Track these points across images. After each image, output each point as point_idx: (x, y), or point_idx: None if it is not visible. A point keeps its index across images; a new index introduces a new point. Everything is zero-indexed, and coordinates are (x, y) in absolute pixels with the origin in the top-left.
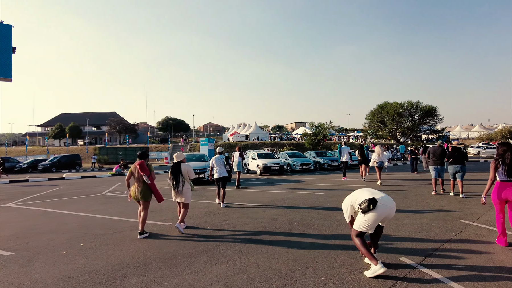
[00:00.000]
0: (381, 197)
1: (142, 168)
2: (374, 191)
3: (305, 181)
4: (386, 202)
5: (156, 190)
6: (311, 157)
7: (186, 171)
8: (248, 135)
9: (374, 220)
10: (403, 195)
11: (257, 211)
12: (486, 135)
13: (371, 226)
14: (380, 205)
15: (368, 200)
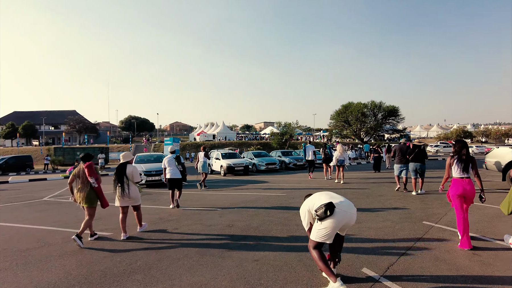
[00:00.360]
0: (340, 202)
1: (90, 170)
2: (333, 194)
3: (269, 181)
4: (346, 208)
5: (102, 195)
6: (276, 156)
7: (131, 173)
8: (215, 134)
9: (332, 227)
10: (366, 195)
11: (214, 216)
12: (443, 134)
13: (329, 235)
14: (338, 211)
15: (325, 205)
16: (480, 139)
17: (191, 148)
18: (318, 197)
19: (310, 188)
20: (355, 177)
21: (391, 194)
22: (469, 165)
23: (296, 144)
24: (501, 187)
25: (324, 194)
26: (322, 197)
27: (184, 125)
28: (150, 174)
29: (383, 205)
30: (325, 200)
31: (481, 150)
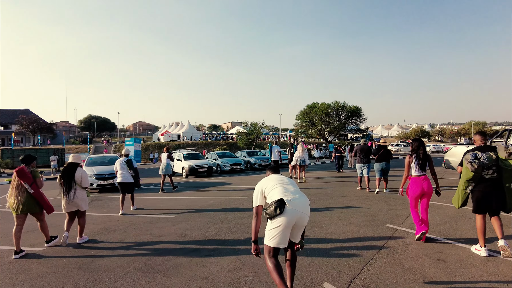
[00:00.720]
0: (292, 199)
1: (21, 174)
2: (289, 188)
3: (233, 183)
4: (297, 206)
5: (43, 200)
6: (242, 157)
7: (79, 177)
8: (180, 134)
9: (284, 227)
10: (329, 195)
11: (166, 224)
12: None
13: (281, 236)
14: (289, 209)
15: (275, 202)
16: (436, 138)
17: (154, 148)
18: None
19: None
20: (319, 176)
21: (354, 194)
22: (426, 163)
23: (263, 144)
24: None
25: (280, 187)
26: (276, 189)
27: (148, 125)
28: (102, 177)
29: (346, 206)
30: (277, 195)
31: (438, 148)
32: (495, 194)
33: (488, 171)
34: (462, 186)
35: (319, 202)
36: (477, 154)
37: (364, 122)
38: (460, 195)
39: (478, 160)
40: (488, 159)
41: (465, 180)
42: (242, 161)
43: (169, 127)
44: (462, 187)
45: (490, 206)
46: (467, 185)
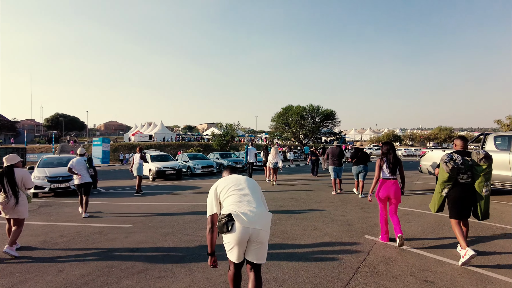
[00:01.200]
0: (246, 212)
1: None
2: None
3: (202, 186)
4: (251, 222)
5: None
6: (214, 158)
7: (20, 179)
8: (152, 135)
9: (235, 245)
10: (302, 201)
11: (118, 236)
12: (375, 138)
13: (237, 253)
14: (238, 227)
15: (224, 217)
16: (407, 142)
17: (124, 149)
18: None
19: None
20: (293, 179)
21: (329, 200)
22: (396, 167)
23: (238, 145)
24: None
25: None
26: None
27: (120, 125)
28: (56, 180)
29: (321, 214)
30: (229, 206)
31: (409, 152)
32: (468, 199)
33: (463, 176)
34: (438, 188)
35: (293, 209)
36: (452, 156)
37: (338, 125)
38: (436, 198)
39: (453, 161)
40: (464, 163)
41: (441, 182)
42: (214, 163)
43: (141, 127)
44: (438, 190)
45: (464, 211)
46: (443, 187)
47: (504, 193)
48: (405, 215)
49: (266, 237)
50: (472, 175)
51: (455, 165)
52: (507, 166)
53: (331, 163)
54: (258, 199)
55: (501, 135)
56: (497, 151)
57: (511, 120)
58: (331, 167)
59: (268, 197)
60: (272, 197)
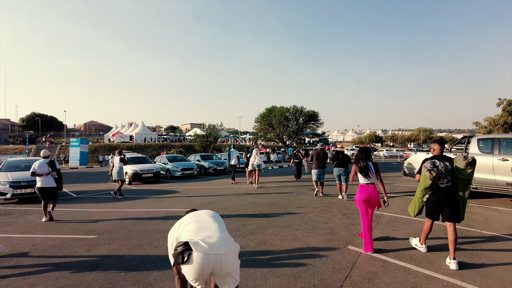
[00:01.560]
0: (205, 239)
1: None
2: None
3: (180, 191)
4: (212, 247)
5: None
6: (195, 160)
7: None
8: (133, 135)
9: (195, 277)
10: (283, 206)
11: (79, 249)
12: (357, 139)
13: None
14: (197, 256)
15: (179, 246)
16: (389, 143)
17: (104, 150)
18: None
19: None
20: (276, 182)
21: (311, 204)
22: (372, 172)
23: (221, 146)
24: None
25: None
26: (188, 226)
27: (100, 125)
28: (20, 185)
29: (302, 222)
30: (187, 234)
31: (390, 153)
32: (448, 203)
33: (444, 180)
34: (419, 194)
35: (273, 216)
36: (435, 162)
37: (321, 126)
38: (416, 203)
39: (436, 168)
40: (445, 168)
41: (422, 188)
42: (194, 166)
43: (121, 128)
44: (419, 195)
45: (442, 213)
46: (424, 193)
47: (486, 196)
48: (389, 222)
49: (233, 266)
50: (452, 179)
51: (439, 172)
52: (490, 170)
53: (315, 166)
54: (222, 226)
55: (485, 137)
56: (481, 154)
57: (489, 122)
58: (314, 170)
59: (248, 202)
60: (252, 202)
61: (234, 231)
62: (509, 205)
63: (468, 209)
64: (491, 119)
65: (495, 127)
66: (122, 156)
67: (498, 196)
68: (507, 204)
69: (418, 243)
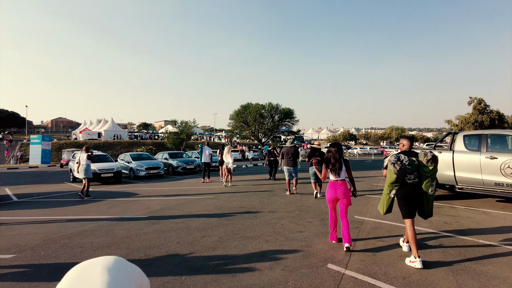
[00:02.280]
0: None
1: None
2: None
3: (140, 193)
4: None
5: None
6: (163, 159)
7: None
8: (102, 132)
9: None
10: (254, 212)
11: None
12: (332, 137)
13: None
14: None
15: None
16: (362, 141)
17: (69, 148)
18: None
19: (191, 197)
20: (249, 181)
21: (285, 208)
22: (340, 168)
23: (195, 144)
24: None
25: (73, 272)
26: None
27: (69, 121)
28: None
29: (274, 229)
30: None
31: (364, 151)
32: (415, 199)
33: (411, 176)
34: (386, 190)
35: (241, 224)
36: (400, 157)
37: (297, 124)
38: (385, 200)
39: (400, 162)
40: (410, 163)
41: (389, 183)
42: (161, 164)
43: (90, 124)
44: (386, 191)
45: (414, 209)
46: (391, 189)
47: (470, 197)
48: (373, 230)
49: None
50: (418, 175)
51: (403, 166)
52: (478, 168)
53: (285, 163)
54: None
55: (471, 134)
56: (467, 152)
57: (460, 120)
58: (285, 168)
59: (213, 206)
60: (219, 206)
61: (190, 245)
62: (495, 206)
63: (455, 212)
64: (463, 117)
65: (466, 125)
66: (89, 153)
67: (482, 196)
68: (493, 206)
69: (411, 259)
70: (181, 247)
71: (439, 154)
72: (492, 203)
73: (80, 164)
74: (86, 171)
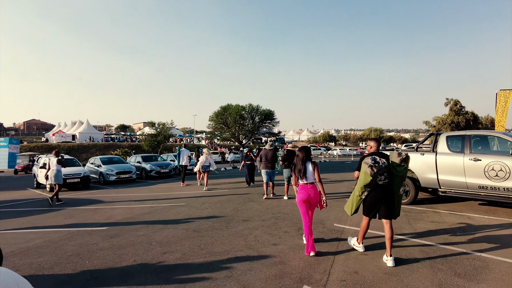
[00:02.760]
0: None
1: None
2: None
3: (105, 200)
4: None
5: None
6: (135, 162)
7: None
8: (76, 135)
9: None
10: (226, 221)
11: None
12: (312, 138)
13: None
14: None
15: None
16: (342, 142)
17: (41, 151)
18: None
19: (160, 203)
20: (227, 184)
21: (260, 216)
22: (310, 172)
23: (173, 146)
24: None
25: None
26: None
27: (43, 124)
28: None
29: (246, 242)
30: None
31: (344, 152)
32: (385, 200)
33: (381, 177)
34: (358, 191)
35: (209, 237)
36: (376, 158)
37: (277, 125)
38: (354, 201)
39: (377, 164)
40: (383, 164)
41: (362, 185)
42: (133, 168)
43: (64, 127)
44: (358, 193)
45: (379, 211)
46: (363, 191)
47: (451, 201)
48: None
49: None
50: (388, 176)
51: (380, 168)
52: (461, 171)
53: (264, 166)
54: None
55: (454, 135)
56: (450, 154)
57: (438, 121)
58: (263, 170)
59: (183, 215)
60: (189, 215)
61: (146, 266)
62: (479, 210)
63: (440, 217)
64: (440, 118)
65: (443, 126)
66: (60, 158)
67: (464, 200)
68: (477, 210)
69: (356, 243)
70: (136, 268)
71: (422, 156)
72: (475, 207)
73: (50, 169)
74: (57, 177)
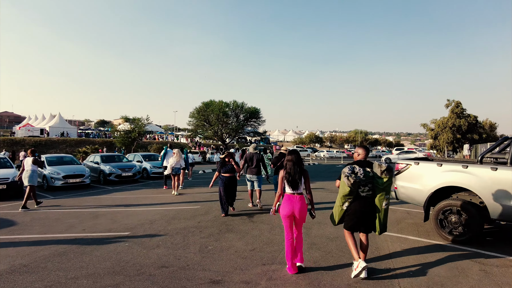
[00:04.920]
0: None
1: None
2: None
3: (21, 222)
4: None
5: None
6: (93, 163)
7: None
8: (46, 129)
9: None
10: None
11: None
12: (298, 139)
13: None
14: None
15: None
16: (327, 144)
17: (7, 146)
18: None
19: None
20: (199, 194)
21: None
22: (298, 181)
23: (149, 144)
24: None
25: None
26: None
27: (17, 116)
28: None
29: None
30: None
31: (331, 154)
32: (367, 214)
33: (364, 188)
34: (339, 201)
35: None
36: (354, 168)
37: (263, 124)
38: (337, 212)
39: (355, 175)
40: (365, 175)
41: (342, 195)
42: (86, 171)
43: (34, 120)
44: (339, 203)
45: (362, 225)
46: (343, 201)
47: None
48: (345, 253)
49: None
50: (373, 187)
51: (357, 179)
52: None
53: (249, 171)
54: None
55: None
56: None
57: (437, 124)
58: (248, 176)
59: (114, 263)
60: (124, 265)
61: None
62: None
63: None
64: (439, 121)
65: (444, 129)
66: (36, 157)
67: None
68: None
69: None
70: None
71: (494, 171)
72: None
73: (24, 169)
74: (31, 178)
